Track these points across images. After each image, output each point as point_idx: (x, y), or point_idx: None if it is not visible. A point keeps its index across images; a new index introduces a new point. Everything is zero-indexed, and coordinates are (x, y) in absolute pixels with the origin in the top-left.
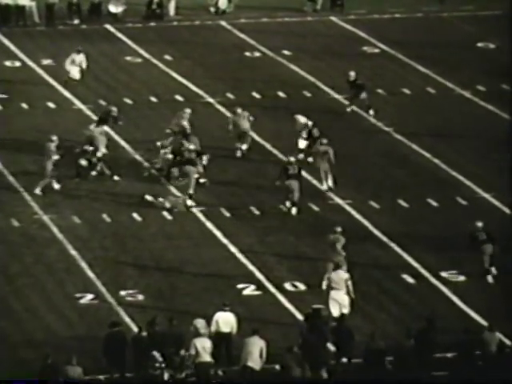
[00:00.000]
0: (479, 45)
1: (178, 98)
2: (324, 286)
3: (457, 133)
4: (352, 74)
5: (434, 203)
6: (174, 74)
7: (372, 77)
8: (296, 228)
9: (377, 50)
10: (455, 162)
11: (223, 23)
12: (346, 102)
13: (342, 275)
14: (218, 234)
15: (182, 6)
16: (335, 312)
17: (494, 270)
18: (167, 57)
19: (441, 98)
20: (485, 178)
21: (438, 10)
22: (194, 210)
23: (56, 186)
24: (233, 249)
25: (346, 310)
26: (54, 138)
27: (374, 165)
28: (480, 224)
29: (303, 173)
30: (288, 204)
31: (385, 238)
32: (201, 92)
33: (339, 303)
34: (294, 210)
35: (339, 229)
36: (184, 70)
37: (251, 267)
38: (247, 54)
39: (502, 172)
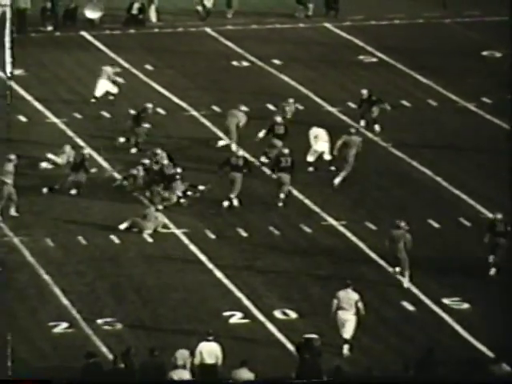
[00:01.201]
0: (484, 53)
1: (160, 110)
2: (333, 307)
3: (460, 148)
4: (364, 91)
5: (436, 224)
6: (155, 85)
7: (369, 88)
8: (287, 251)
9: (374, 59)
10: (459, 179)
11: (208, 30)
12: (359, 122)
13: (351, 295)
14: (203, 257)
15: (164, 11)
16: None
17: (493, 258)
18: (148, 66)
19: (443, 111)
20: (491, 197)
21: (440, 15)
22: (177, 232)
23: (13, 212)
24: (218, 274)
25: (347, 335)
26: (13, 157)
27: (370, 183)
28: (500, 216)
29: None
30: (282, 195)
31: (382, 262)
32: (184, 104)
33: (344, 325)
34: (280, 203)
35: (403, 223)
36: (166, 80)
37: (238, 293)
38: (234, 63)
39: (509, 190)
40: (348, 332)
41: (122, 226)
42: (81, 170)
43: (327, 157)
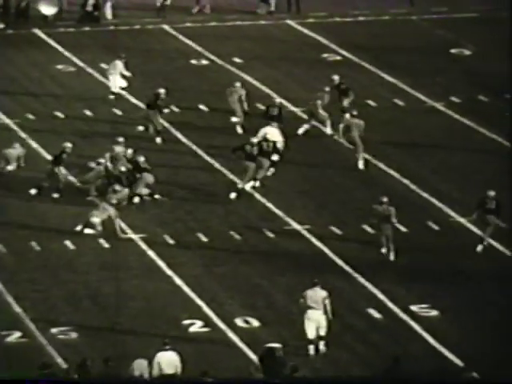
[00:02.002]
0: (453, 51)
1: (116, 111)
2: (300, 306)
3: (429, 150)
4: (336, 77)
5: (403, 229)
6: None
7: (334, 87)
8: (249, 257)
9: (339, 58)
10: (427, 182)
11: (166, 27)
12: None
13: (319, 293)
14: (162, 264)
15: (120, 8)
16: (311, 334)
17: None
18: (103, 65)
19: (410, 111)
20: (460, 199)
21: (406, 12)
22: (134, 237)
23: None
24: (178, 281)
25: (322, 332)
26: None
27: (335, 185)
28: (492, 193)
29: (258, 196)
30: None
31: (348, 268)
32: (141, 104)
33: (315, 324)
34: (248, 186)
35: (385, 199)
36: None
37: (198, 301)
38: (193, 61)
39: (479, 193)
40: (322, 329)
41: (78, 228)
42: (61, 163)
43: (274, 157)
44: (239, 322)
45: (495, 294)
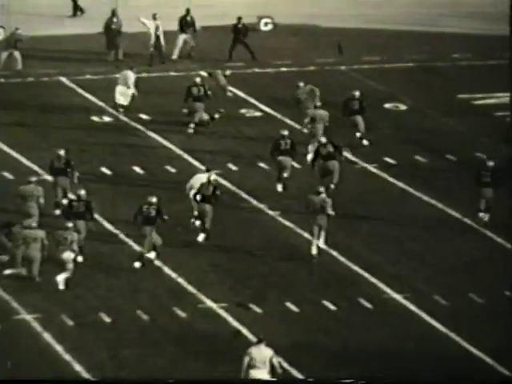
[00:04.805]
0: (387, 105)
1: (7, 175)
2: (244, 365)
3: (359, 217)
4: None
5: (332, 306)
6: (2, 145)
7: (252, 147)
8: (158, 339)
9: (258, 114)
10: (358, 254)
11: (63, 80)
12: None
13: (264, 352)
14: (59, 348)
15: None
16: None
17: (487, 216)
18: None
19: (339, 174)
20: (395, 274)
21: (334, 61)
22: (27, 317)
23: None
24: (77, 367)
25: None
26: None
27: (255, 257)
28: (491, 163)
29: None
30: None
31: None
32: (36, 168)
33: None
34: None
35: (322, 188)
36: (15, 139)
37: None
38: (94, 118)
39: (416, 266)
40: None
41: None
42: None
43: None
44: None
45: (437, 380)
